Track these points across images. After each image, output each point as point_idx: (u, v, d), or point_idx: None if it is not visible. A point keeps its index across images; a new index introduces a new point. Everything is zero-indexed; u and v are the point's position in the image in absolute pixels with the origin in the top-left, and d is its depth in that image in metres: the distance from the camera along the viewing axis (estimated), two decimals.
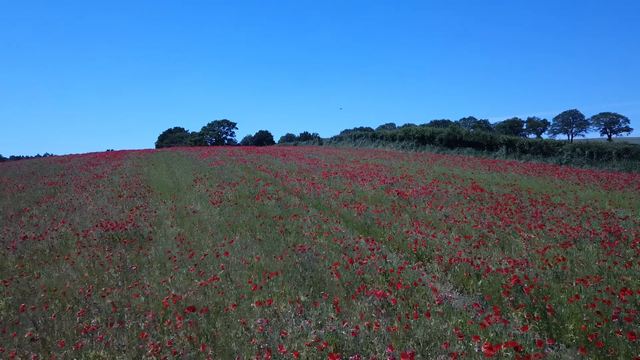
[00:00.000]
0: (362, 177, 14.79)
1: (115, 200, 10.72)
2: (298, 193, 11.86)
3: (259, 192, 11.53)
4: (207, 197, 11.11)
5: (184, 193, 12.04)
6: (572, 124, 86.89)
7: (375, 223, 8.23)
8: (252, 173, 17.12)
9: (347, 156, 26.73)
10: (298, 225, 8.01)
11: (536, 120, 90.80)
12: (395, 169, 18.00)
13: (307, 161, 21.63)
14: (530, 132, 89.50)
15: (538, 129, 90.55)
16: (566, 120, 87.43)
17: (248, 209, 9.56)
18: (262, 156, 24.98)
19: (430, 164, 21.48)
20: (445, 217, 9.07)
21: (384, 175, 15.23)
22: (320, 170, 17.31)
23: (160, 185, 13.59)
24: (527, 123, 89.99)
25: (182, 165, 20.34)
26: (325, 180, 14.32)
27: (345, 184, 13.30)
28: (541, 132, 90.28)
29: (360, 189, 12.24)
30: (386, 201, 10.62)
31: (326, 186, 13.45)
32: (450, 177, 15.35)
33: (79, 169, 18.37)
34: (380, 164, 20.58)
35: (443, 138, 33.91)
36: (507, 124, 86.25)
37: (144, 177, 15.66)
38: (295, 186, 12.86)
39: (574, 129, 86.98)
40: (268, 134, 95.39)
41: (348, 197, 10.98)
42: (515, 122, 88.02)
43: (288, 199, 10.90)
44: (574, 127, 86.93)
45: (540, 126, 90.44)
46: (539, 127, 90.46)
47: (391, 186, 12.69)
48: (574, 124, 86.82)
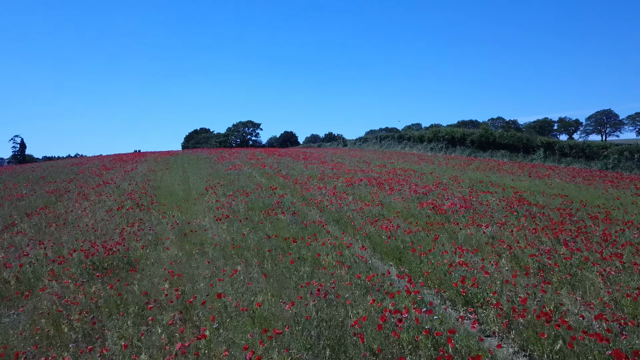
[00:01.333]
0: (390, 184, 13.34)
1: (114, 212, 9.63)
2: (318, 204, 10.53)
3: (273, 204, 10.25)
4: (215, 210, 9.91)
5: (192, 204, 10.88)
6: (606, 124, 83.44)
7: (408, 248, 6.81)
8: (270, 179, 15.89)
9: (372, 159, 25.26)
10: (315, 250, 6.66)
11: (568, 121, 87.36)
12: (425, 175, 16.45)
13: (330, 165, 20.29)
14: (561, 132, 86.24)
15: (570, 130, 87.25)
16: (600, 120, 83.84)
17: (259, 226, 8.27)
18: (283, 160, 23.78)
19: (463, 168, 19.80)
20: (492, 238, 7.57)
21: (414, 183, 13.73)
22: (343, 175, 15.94)
23: (169, 193, 12.50)
24: (558, 123, 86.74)
25: (198, 169, 19.33)
26: (349, 188, 12.94)
27: (371, 193, 11.89)
28: (573, 132, 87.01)
29: (388, 201, 10.80)
30: (420, 216, 9.16)
31: (349, 195, 12.07)
32: (489, 186, 13.72)
33: (90, 174, 17.56)
34: (409, 168, 19.04)
35: (475, 140, 31.96)
36: (537, 124, 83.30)
37: (155, 183, 14.64)
38: (315, 196, 11.53)
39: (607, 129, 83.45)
40: (293, 134, 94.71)
41: (375, 210, 9.57)
42: (546, 123, 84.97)
43: (306, 213, 9.58)
44: (607, 127, 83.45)
45: (572, 126, 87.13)
46: (570, 127, 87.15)
47: (424, 197, 11.20)
48: (607, 124, 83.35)
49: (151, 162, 23.80)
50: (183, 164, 22.13)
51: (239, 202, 10.72)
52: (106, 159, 28.98)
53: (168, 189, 13.38)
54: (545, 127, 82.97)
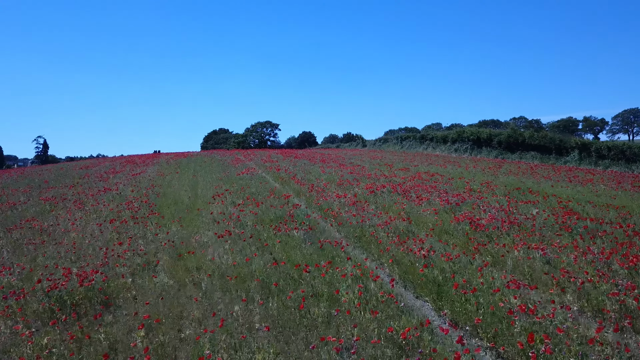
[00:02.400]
0: (417, 192, 11.98)
1: (106, 226, 8.55)
2: (336, 216, 9.27)
3: (286, 216, 9.04)
4: (220, 222, 8.75)
5: (195, 215, 9.76)
6: (634, 123, 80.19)
7: (448, 280, 5.50)
8: (285, 185, 14.70)
9: (394, 161, 23.86)
10: (332, 282, 5.41)
11: (593, 120, 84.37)
12: (454, 180, 15.02)
13: (349, 168, 19.01)
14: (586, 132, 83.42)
15: (595, 129, 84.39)
16: (627, 119, 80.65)
17: (265, 248, 7.05)
18: (299, 162, 22.58)
19: (493, 172, 18.24)
20: (548, 265, 6.20)
21: (443, 190, 12.34)
22: (364, 181, 14.64)
23: (173, 201, 11.42)
24: (583, 122, 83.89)
25: (209, 173, 18.29)
26: (371, 196, 11.63)
27: (396, 203, 10.56)
28: (599, 132, 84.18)
29: (417, 213, 9.46)
30: (456, 234, 7.81)
31: (371, 204, 10.78)
32: (527, 193, 12.22)
33: (95, 178, 16.68)
34: (435, 172, 17.60)
35: (502, 141, 30.17)
36: (561, 123, 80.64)
37: (160, 189, 13.60)
38: (332, 206, 10.27)
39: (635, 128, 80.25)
40: (311, 135, 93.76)
41: (402, 225, 8.26)
42: (570, 122, 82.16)
43: (322, 228, 8.33)
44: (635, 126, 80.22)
45: (598, 126, 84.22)
46: (596, 126, 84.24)
47: (457, 208, 9.83)
48: (635, 123, 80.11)
49: (163, 164, 22.91)
50: (195, 166, 21.15)
51: (248, 212, 9.55)
52: (119, 160, 28.29)
53: (173, 196, 12.30)
54: (569, 126, 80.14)
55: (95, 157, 79.70)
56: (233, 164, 21.46)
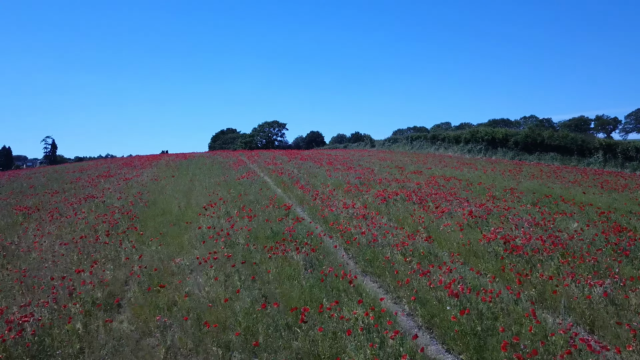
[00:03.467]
0: (435, 200, 10.64)
1: (74, 245, 7.33)
2: (343, 232, 7.97)
3: (284, 232, 7.77)
4: (208, 240, 7.51)
5: (182, 229, 8.53)
6: None
7: (490, 330, 4.18)
8: (287, 191, 13.44)
9: (405, 163, 22.49)
10: (337, 334, 4.12)
11: (605, 119, 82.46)
12: (473, 185, 13.65)
13: (357, 171, 17.69)
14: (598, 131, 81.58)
15: (608, 128, 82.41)
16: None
17: (259, 273, 5.79)
18: (304, 165, 21.32)
19: (514, 176, 16.80)
20: (613, 304, 4.87)
21: (463, 198, 10.98)
22: (374, 186, 13.33)
23: (161, 211, 10.22)
24: (595, 121, 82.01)
25: (208, 176, 17.09)
26: (383, 205, 10.32)
27: (412, 215, 9.24)
28: (611, 131, 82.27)
29: (437, 228, 8.14)
30: (487, 256, 6.49)
31: (383, 216, 9.49)
32: (560, 202, 10.82)
33: (85, 183, 15.55)
34: (451, 176, 16.22)
35: (519, 141, 28.62)
36: (573, 122, 78.84)
37: (151, 196, 12.41)
38: (339, 218, 8.98)
39: None
40: (319, 134, 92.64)
41: (422, 246, 6.94)
42: (582, 121, 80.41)
43: (327, 249, 7.04)
44: None
45: (611, 124, 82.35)
46: (608, 125, 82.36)
47: (484, 222, 8.49)
48: None
49: (162, 166, 21.78)
50: (194, 169, 19.97)
51: (242, 226, 8.30)
52: (119, 162, 27.26)
53: (163, 204, 11.10)
54: (581, 125, 78.28)
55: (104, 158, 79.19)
56: (234, 167, 20.25)
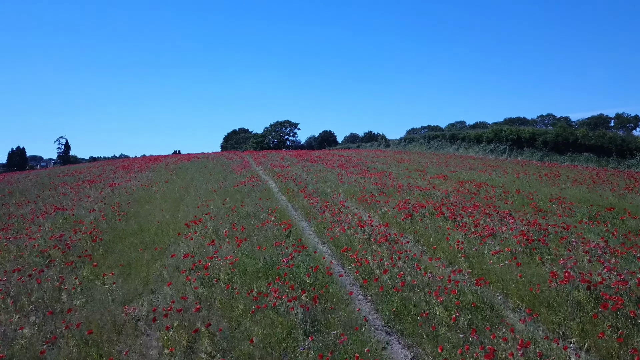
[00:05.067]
0: (470, 213, 8.62)
1: (6, 281, 5.53)
2: (358, 263, 6.03)
3: (281, 265, 5.86)
4: (179, 277, 5.65)
5: (153, 256, 6.69)
6: None
7: None
8: (292, 199, 11.55)
9: (425, 166, 20.42)
10: None
11: (626, 117, 79.63)
12: (510, 194, 11.57)
13: (372, 175, 15.72)
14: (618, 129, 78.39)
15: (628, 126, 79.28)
16: None
17: (235, 340, 3.90)
18: (314, 167, 19.40)
19: (553, 182, 14.63)
20: None
21: (505, 211, 8.93)
22: (393, 195, 11.36)
23: (138, 228, 8.42)
24: (615, 120, 79.22)
25: (207, 181, 15.30)
26: (407, 221, 8.35)
27: (446, 234, 7.26)
28: (632, 129, 79.50)
29: (482, 256, 6.15)
30: (564, 307, 4.50)
31: (409, 236, 7.55)
32: (628, 217, 8.71)
33: (67, 189, 13.87)
34: (481, 181, 14.13)
35: (548, 140, 26.28)
36: (592, 120, 76.21)
37: (133, 207, 10.64)
38: (353, 242, 7.04)
39: None
40: (331, 134, 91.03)
41: (469, 290, 4.98)
42: (601, 119, 77.81)
43: (336, 298, 5.09)
44: None
45: (631, 122, 79.41)
46: (629, 123, 79.46)
47: (543, 247, 6.46)
48: None
49: (160, 169, 20.08)
50: (193, 173, 18.21)
51: (229, 252, 6.43)
52: (119, 163, 25.71)
53: (143, 218, 9.31)
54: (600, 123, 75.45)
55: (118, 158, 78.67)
56: (237, 170, 18.42)
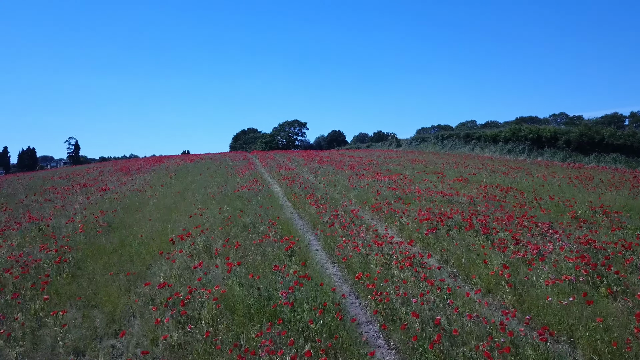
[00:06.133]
0: (505, 225, 7.33)
1: None
2: (378, 300, 4.78)
3: (280, 299, 4.64)
4: (150, 314, 4.47)
5: (129, 281, 5.52)
6: None
7: None
8: (297, 207, 10.34)
9: (442, 167, 19.08)
10: None
11: None
12: (544, 201, 10.24)
13: (386, 178, 14.46)
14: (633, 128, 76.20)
15: None
16: None
17: None
18: (323, 169, 18.18)
19: (585, 184, 13.22)
20: None
21: (545, 223, 7.61)
22: (412, 201, 10.09)
23: (119, 243, 7.29)
24: (630, 118, 77.27)
25: (207, 185, 14.16)
26: (431, 236, 7.08)
27: (481, 253, 5.99)
28: None
29: (531, 287, 4.87)
30: None
31: (434, 252, 6.30)
32: None
33: (55, 193, 12.82)
34: (508, 185, 12.77)
35: (571, 140, 24.77)
36: (605, 119, 74.09)
37: (118, 215, 9.52)
38: (369, 264, 5.80)
39: None
40: (340, 133, 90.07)
41: (531, 344, 3.71)
42: (616, 118, 75.93)
43: (352, 354, 3.85)
44: None
45: None
46: None
47: (607, 274, 5.16)
48: None
49: (160, 171, 19.01)
50: (194, 175, 17.08)
51: (216, 279, 5.24)
52: (120, 164, 24.74)
53: (127, 230, 8.18)
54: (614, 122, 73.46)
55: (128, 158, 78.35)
56: (240, 173, 17.26)
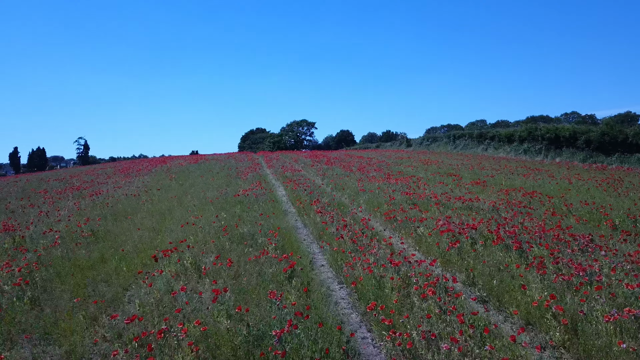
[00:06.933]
0: (537, 238, 6.33)
1: None
2: (397, 342, 3.84)
3: (265, 352, 3.70)
4: None
5: (99, 308, 4.63)
6: None
7: None
8: (301, 214, 9.41)
9: (456, 168, 18.02)
10: None
11: None
12: (575, 207, 9.19)
13: (398, 181, 13.47)
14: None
15: None
16: None
17: None
18: (330, 170, 17.23)
19: (615, 188, 12.11)
20: None
21: (583, 235, 6.59)
22: (429, 209, 9.10)
23: (99, 258, 6.44)
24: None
25: (205, 188, 13.31)
26: (453, 252, 6.10)
27: (516, 274, 5.00)
28: None
29: (597, 331, 3.88)
30: None
31: (457, 271, 5.33)
32: None
33: (43, 198, 12.04)
34: (531, 189, 11.70)
35: (592, 140, 23.53)
36: (618, 118, 72.30)
37: (104, 224, 8.67)
38: (383, 288, 4.85)
39: None
40: (349, 133, 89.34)
41: None
42: (629, 117, 74.28)
43: None
44: None
45: None
46: None
47: None
48: None
49: (161, 173, 18.21)
50: (195, 178, 16.24)
51: (197, 308, 4.33)
52: (121, 165, 24.05)
53: (112, 242, 7.31)
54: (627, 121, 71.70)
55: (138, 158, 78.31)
56: (243, 175, 16.38)
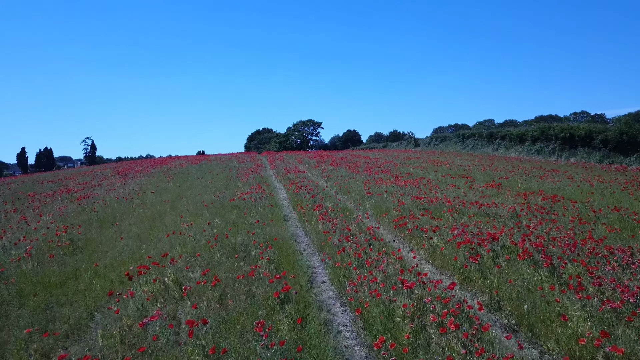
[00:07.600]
0: (569, 249, 5.51)
1: None
2: None
3: None
4: None
5: (40, 352, 3.89)
6: None
7: None
8: (302, 219, 8.62)
9: (468, 170, 17.14)
10: None
11: None
12: (602, 212, 8.33)
13: (407, 183, 12.64)
14: None
15: None
16: None
17: None
18: (335, 172, 16.42)
19: None
20: None
21: (624, 250, 5.75)
22: (443, 215, 8.28)
23: (71, 272, 5.73)
24: None
25: (202, 191, 12.57)
26: (474, 268, 5.28)
27: (552, 298, 4.18)
28: None
29: None
30: None
31: (479, 291, 4.52)
32: None
33: (30, 202, 11.36)
34: (552, 192, 10.82)
35: (609, 139, 22.53)
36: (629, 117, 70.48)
37: (85, 231, 7.94)
38: (394, 317, 4.05)
39: None
40: (356, 133, 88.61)
41: None
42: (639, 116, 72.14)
43: None
44: None
45: None
46: None
47: None
48: None
49: (160, 174, 17.52)
50: (194, 179, 15.52)
51: (166, 347, 3.56)
52: (119, 166, 23.42)
53: (91, 253, 6.59)
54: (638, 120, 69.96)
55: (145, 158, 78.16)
56: (243, 177, 15.62)
